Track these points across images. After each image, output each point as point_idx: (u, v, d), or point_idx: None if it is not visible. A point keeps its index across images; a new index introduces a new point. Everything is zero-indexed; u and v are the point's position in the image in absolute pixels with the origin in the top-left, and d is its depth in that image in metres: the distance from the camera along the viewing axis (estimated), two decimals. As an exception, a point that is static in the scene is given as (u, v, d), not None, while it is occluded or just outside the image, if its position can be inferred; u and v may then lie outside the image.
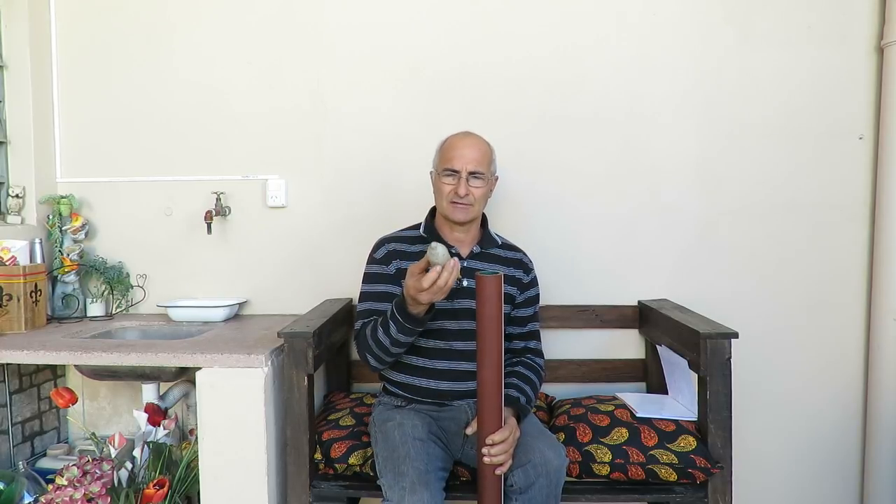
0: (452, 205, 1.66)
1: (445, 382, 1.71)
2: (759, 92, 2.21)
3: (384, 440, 1.63)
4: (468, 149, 1.65)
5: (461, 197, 1.63)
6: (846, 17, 2.18)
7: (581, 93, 2.24)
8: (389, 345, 1.59)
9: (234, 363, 1.73)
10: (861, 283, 2.23)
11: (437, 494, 1.48)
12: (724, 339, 1.70)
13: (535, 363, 1.78)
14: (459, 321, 1.71)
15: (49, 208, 2.31)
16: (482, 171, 1.65)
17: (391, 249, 1.74)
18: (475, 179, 1.64)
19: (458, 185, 1.63)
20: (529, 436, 1.57)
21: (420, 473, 1.48)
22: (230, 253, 2.34)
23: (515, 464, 1.51)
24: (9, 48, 2.26)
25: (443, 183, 1.66)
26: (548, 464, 1.50)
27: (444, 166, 1.66)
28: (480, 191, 1.66)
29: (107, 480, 1.76)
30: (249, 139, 2.32)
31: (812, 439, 2.26)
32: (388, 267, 1.73)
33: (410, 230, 1.81)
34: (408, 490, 1.45)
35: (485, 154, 1.68)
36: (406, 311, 1.51)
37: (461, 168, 1.63)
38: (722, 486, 1.71)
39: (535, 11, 2.24)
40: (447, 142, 1.71)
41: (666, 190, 2.23)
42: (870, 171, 2.21)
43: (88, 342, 1.93)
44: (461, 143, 1.67)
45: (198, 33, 2.32)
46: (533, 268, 1.86)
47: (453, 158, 1.65)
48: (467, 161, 1.64)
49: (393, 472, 1.50)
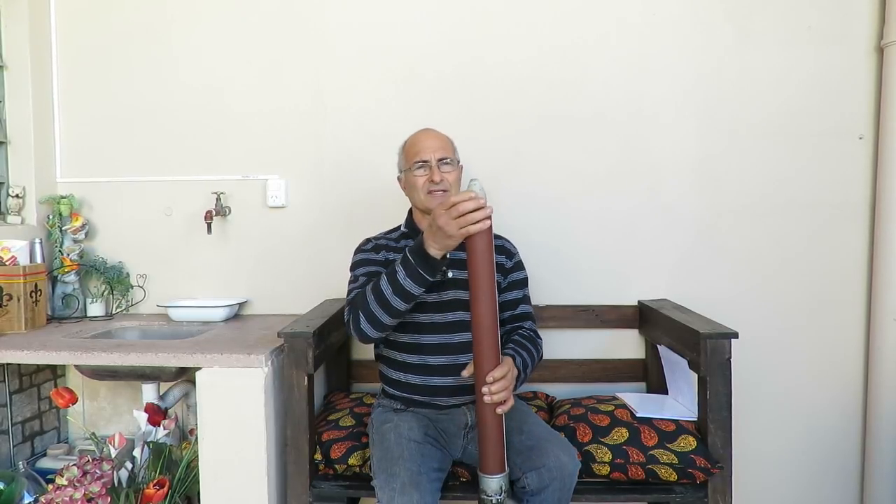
0: (430, 194, 1.69)
1: (438, 378, 1.70)
2: (759, 92, 2.21)
3: (380, 442, 1.63)
4: (431, 140, 1.73)
5: (437, 183, 1.68)
6: (846, 17, 2.18)
7: (581, 93, 2.24)
8: (391, 295, 1.50)
9: (234, 363, 1.73)
10: (861, 283, 2.23)
11: (428, 496, 1.47)
12: (724, 339, 1.70)
13: (531, 334, 1.74)
14: (451, 313, 1.71)
15: (49, 208, 2.31)
16: (449, 157, 1.71)
17: (378, 244, 1.79)
18: (445, 165, 1.70)
19: (432, 174, 1.68)
20: (542, 438, 1.56)
21: (412, 475, 1.48)
22: (230, 253, 2.34)
23: (529, 466, 1.51)
24: (9, 48, 2.27)
25: (415, 177, 1.71)
26: (563, 468, 1.50)
27: (413, 160, 1.71)
28: (452, 175, 1.71)
29: (107, 480, 1.76)
30: (249, 139, 2.32)
31: (812, 439, 2.26)
32: (378, 255, 1.76)
33: (392, 231, 1.86)
34: (398, 491, 1.44)
35: (447, 142, 1.75)
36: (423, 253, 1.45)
37: (430, 157, 1.69)
38: (722, 486, 1.71)
39: (534, 11, 2.24)
40: (408, 141, 1.78)
41: (666, 190, 2.23)
42: (870, 171, 2.21)
43: (88, 342, 1.93)
44: (422, 136, 1.75)
45: (198, 33, 2.32)
46: (516, 251, 1.85)
47: (420, 151, 1.71)
48: (434, 150, 1.70)
49: (385, 473, 1.50)
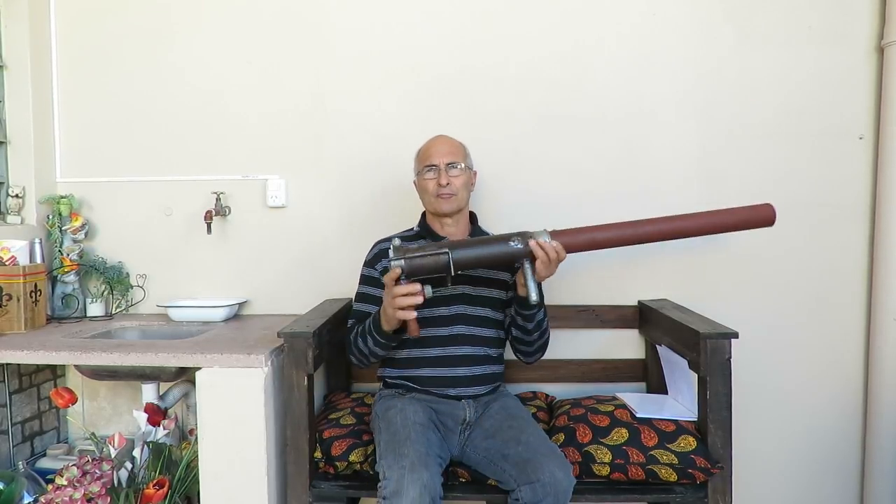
0: (438, 198, 1.79)
1: (442, 369, 1.76)
2: (759, 92, 2.21)
3: (386, 427, 1.65)
4: (441, 145, 1.83)
5: (443, 186, 1.77)
6: (846, 17, 2.18)
7: (581, 93, 2.24)
8: (368, 354, 1.74)
9: (234, 363, 1.73)
10: (861, 283, 2.23)
11: (436, 477, 1.50)
12: (724, 339, 1.70)
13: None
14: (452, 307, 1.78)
15: (49, 208, 2.31)
16: (458, 162, 1.80)
17: (382, 249, 1.84)
18: (452, 169, 1.79)
19: (440, 177, 1.78)
20: (539, 452, 1.56)
21: (420, 455, 1.51)
22: (230, 253, 2.34)
23: (524, 479, 1.52)
24: (9, 48, 2.26)
25: (426, 181, 1.81)
26: (557, 484, 1.51)
27: (424, 164, 1.82)
28: (460, 179, 1.79)
29: (107, 480, 1.76)
30: (249, 139, 2.32)
31: (812, 439, 2.26)
32: (376, 268, 1.83)
33: (406, 231, 1.93)
34: (407, 469, 1.47)
35: (458, 148, 1.84)
36: (379, 326, 1.65)
37: (438, 161, 1.79)
38: (722, 486, 1.71)
39: (535, 12, 2.24)
40: (422, 147, 1.87)
41: (666, 189, 2.23)
42: (870, 171, 2.21)
43: (88, 342, 1.93)
44: (435, 142, 1.85)
45: (198, 33, 2.32)
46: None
47: (431, 156, 1.81)
48: (442, 155, 1.80)
49: (394, 454, 1.53)
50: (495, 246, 1.59)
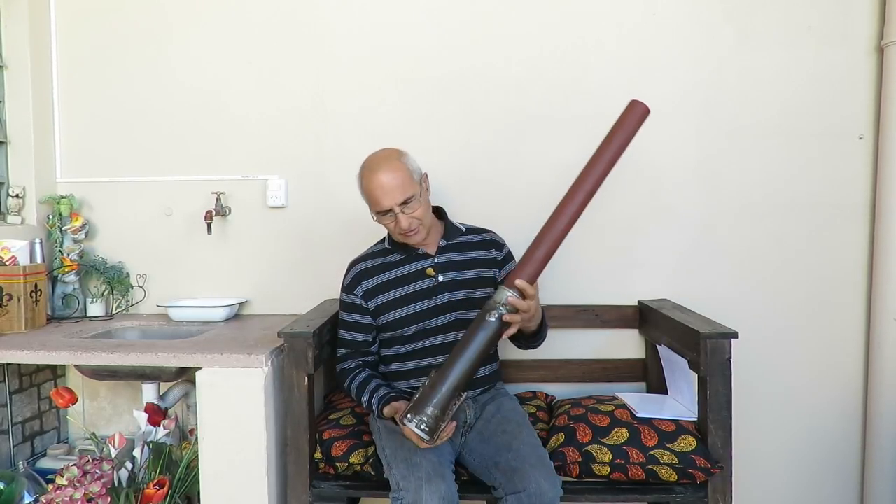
0: (403, 236, 1.68)
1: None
2: (759, 92, 2.21)
3: (389, 433, 1.64)
4: (384, 185, 1.60)
5: (408, 229, 1.64)
6: (846, 17, 2.18)
7: (581, 93, 2.23)
8: (365, 406, 1.72)
9: (234, 363, 1.73)
10: (861, 283, 2.23)
11: (452, 486, 1.50)
12: (724, 339, 1.70)
13: None
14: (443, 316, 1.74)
15: (49, 208, 2.31)
16: (410, 195, 1.62)
17: (359, 271, 1.78)
18: (408, 206, 1.62)
19: (398, 222, 1.63)
20: (527, 462, 1.55)
21: (435, 465, 1.50)
22: (230, 253, 2.34)
23: (511, 488, 1.52)
24: (9, 48, 2.27)
25: (384, 222, 1.68)
26: (542, 495, 1.50)
27: (376, 209, 1.65)
28: (420, 210, 1.64)
29: (107, 480, 1.76)
30: (249, 139, 2.32)
31: (812, 439, 2.26)
32: (355, 293, 1.77)
33: (377, 246, 1.84)
34: (424, 480, 1.46)
35: (404, 178, 1.61)
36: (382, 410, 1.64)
37: (390, 206, 1.61)
38: (722, 486, 1.71)
39: (534, 12, 2.23)
40: (364, 184, 1.66)
41: (666, 190, 2.23)
42: (870, 171, 2.21)
43: (88, 342, 1.93)
44: (376, 182, 1.61)
45: (198, 34, 2.32)
46: (504, 242, 1.87)
47: (379, 200, 1.62)
48: (392, 195, 1.60)
49: (406, 463, 1.51)
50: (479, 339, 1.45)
